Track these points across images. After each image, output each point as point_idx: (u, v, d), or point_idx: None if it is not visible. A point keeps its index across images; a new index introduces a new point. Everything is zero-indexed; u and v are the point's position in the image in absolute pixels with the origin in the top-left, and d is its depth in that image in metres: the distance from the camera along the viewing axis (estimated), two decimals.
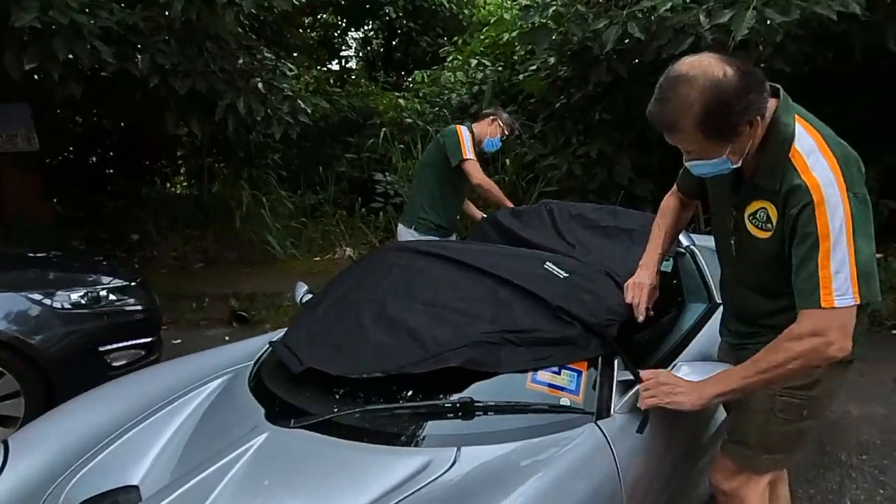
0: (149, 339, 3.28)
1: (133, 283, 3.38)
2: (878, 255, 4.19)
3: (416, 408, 1.51)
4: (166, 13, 4.66)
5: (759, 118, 1.27)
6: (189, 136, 7.40)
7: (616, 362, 1.62)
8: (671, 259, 2.39)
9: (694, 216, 4.68)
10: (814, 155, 1.27)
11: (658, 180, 5.11)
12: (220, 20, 4.86)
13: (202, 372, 1.98)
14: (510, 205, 3.21)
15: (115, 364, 3.07)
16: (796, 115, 1.32)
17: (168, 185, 8.55)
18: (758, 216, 1.37)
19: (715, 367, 1.53)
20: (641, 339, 1.95)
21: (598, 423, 1.49)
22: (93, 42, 4.14)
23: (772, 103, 1.31)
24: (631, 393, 1.54)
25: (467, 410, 1.46)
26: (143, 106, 5.42)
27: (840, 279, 1.23)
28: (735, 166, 1.33)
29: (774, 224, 1.34)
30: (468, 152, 3.25)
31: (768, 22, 3.69)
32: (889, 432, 2.88)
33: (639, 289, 1.66)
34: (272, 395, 1.67)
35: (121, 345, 3.10)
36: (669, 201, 1.79)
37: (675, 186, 1.79)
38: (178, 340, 4.50)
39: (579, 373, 1.57)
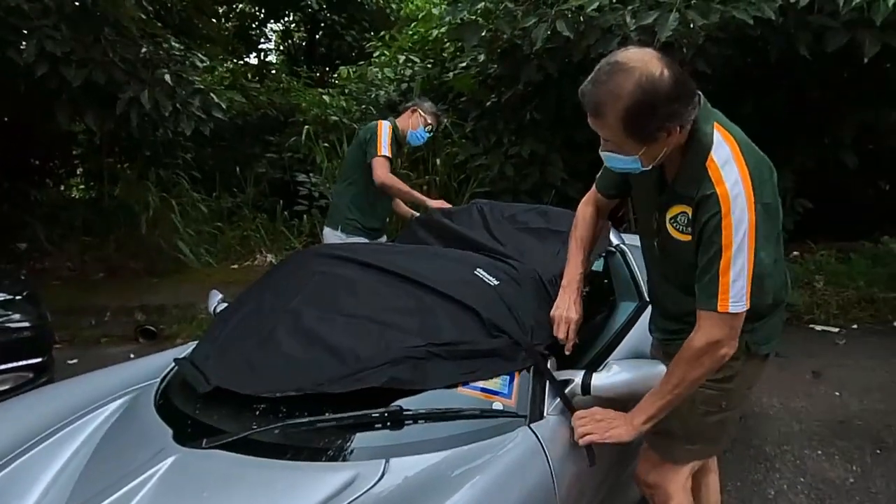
0: (38, 360, 3.02)
1: (18, 297, 3.10)
2: (794, 253, 4.38)
3: (341, 420, 1.42)
4: None
5: (678, 128, 1.31)
6: (86, 134, 6.82)
7: (549, 363, 1.61)
8: (602, 258, 2.40)
9: (625, 217, 4.81)
10: (728, 165, 1.32)
11: (589, 181, 5.12)
12: (120, 4, 4.45)
13: (101, 392, 1.82)
14: (430, 203, 3.15)
15: None
16: (715, 123, 1.37)
17: (62, 187, 7.82)
18: (678, 220, 1.43)
19: (645, 364, 1.57)
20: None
21: (532, 426, 1.47)
22: None
23: (693, 115, 1.34)
24: (564, 393, 1.55)
25: (396, 420, 1.42)
26: (29, 98, 4.89)
27: (737, 287, 1.32)
28: (644, 169, 1.37)
29: (692, 228, 1.40)
30: (384, 148, 3.12)
31: (690, 24, 3.80)
32: (808, 422, 3.01)
33: (566, 324, 1.65)
34: (182, 414, 1.55)
35: (3, 367, 2.85)
36: (585, 211, 1.77)
37: (591, 191, 1.77)
38: (75, 360, 4.14)
39: (511, 375, 1.55)
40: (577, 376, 1.56)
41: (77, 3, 4.23)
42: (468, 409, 1.46)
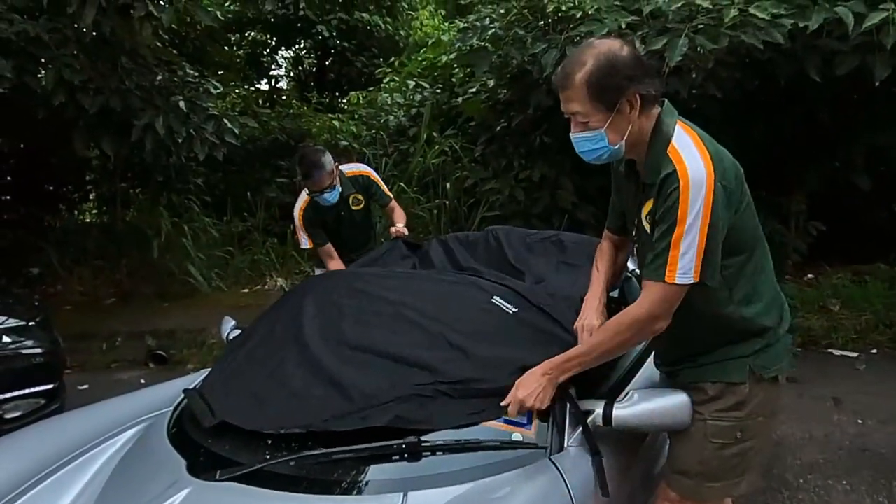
0: (49, 386, 3.01)
1: (31, 323, 3.13)
2: (809, 276, 4.32)
3: (358, 451, 1.39)
4: (75, 25, 4.30)
5: (638, 100, 1.38)
6: (100, 159, 6.88)
7: (572, 392, 1.57)
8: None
9: None
10: (688, 149, 1.38)
11: (599, 205, 5.15)
12: (137, 34, 4.53)
13: (114, 421, 1.81)
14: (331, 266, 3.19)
15: (7, 416, 2.82)
16: (678, 120, 1.45)
17: (76, 212, 7.88)
18: (651, 213, 1.45)
19: (666, 393, 1.53)
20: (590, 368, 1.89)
21: (552, 458, 1.43)
22: None
23: (657, 110, 1.44)
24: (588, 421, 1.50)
25: (414, 452, 1.38)
26: (46, 126, 4.97)
27: (685, 260, 1.35)
28: (610, 149, 1.42)
29: (654, 213, 1.44)
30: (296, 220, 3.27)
31: (699, 49, 3.82)
32: (831, 451, 2.93)
33: (588, 332, 1.62)
34: (195, 444, 1.53)
35: (15, 394, 2.86)
36: (603, 245, 1.81)
37: (605, 233, 1.80)
38: (86, 386, 4.14)
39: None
40: (598, 406, 1.52)
41: (95, 33, 4.30)
42: (488, 441, 1.43)
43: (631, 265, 2.44)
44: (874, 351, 4.12)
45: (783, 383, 1.56)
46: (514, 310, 1.72)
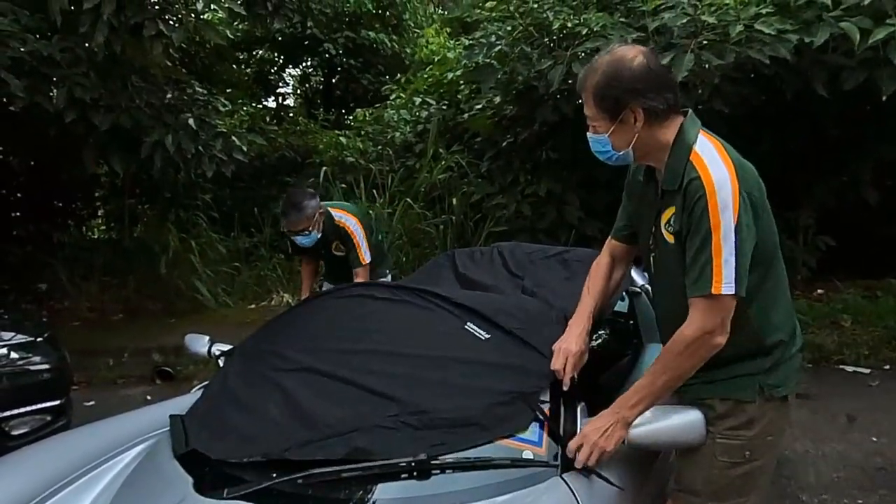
0: (56, 403, 2.99)
1: (39, 339, 3.10)
2: (819, 291, 4.28)
3: (367, 469, 1.37)
4: (87, 44, 4.36)
5: (642, 112, 1.39)
6: (109, 176, 6.95)
7: (579, 409, 1.56)
8: (627, 299, 2.34)
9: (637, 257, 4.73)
10: (712, 156, 1.37)
11: (606, 220, 5.13)
12: (148, 53, 4.59)
13: (120, 438, 1.77)
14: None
15: (14, 433, 2.80)
16: (701, 130, 1.45)
17: (84, 229, 7.93)
18: (671, 222, 1.44)
19: (680, 410, 1.49)
20: (599, 384, 1.90)
21: (564, 476, 1.40)
22: (0, 74, 3.79)
23: (679, 119, 1.44)
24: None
25: (423, 470, 1.36)
26: (57, 143, 5.02)
27: (728, 268, 1.32)
28: (617, 154, 1.45)
29: (678, 221, 1.42)
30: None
31: (705, 65, 3.83)
32: (846, 469, 2.89)
33: (564, 355, 1.58)
34: (202, 462, 1.50)
35: (22, 410, 2.84)
36: (600, 261, 1.76)
37: (607, 242, 1.77)
38: (92, 402, 4.12)
39: (541, 423, 1.50)
40: None
41: (106, 52, 4.35)
42: (498, 459, 1.41)
43: (639, 279, 2.42)
44: (887, 367, 4.07)
45: (792, 402, 1.54)
46: (486, 336, 1.69)
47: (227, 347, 2.08)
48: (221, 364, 2.02)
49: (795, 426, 3.04)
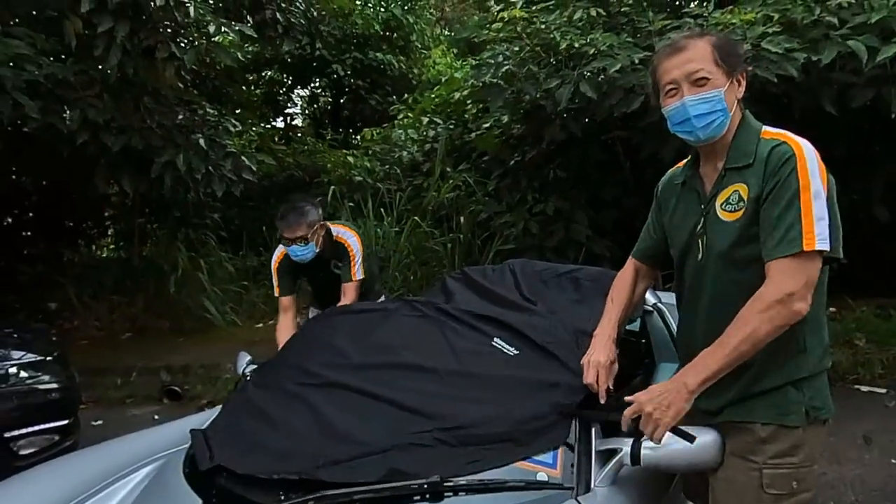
0: (64, 422, 2.99)
1: (48, 358, 3.11)
2: (831, 310, 4.20)
3: (380, 492, 1.35)
4: (100, 67, 4.43)
5: (744, 79, 1.41)
6: (119, 196, 7.02)
7: (594, 431, 1.53)
8: (638, 318, 2.31)
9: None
10: (787, 133, 1.37)
11: (615, 237, 5.13)
12: (160, 75, 4.67)
13: (129, 458, 1.78)
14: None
15: (21, 453, 2.80)
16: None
17: (93, 248, 7.99)
18: (730, 200, 1.39)
19: (696, 431, 1.42)
20: (612, 404, 1.82)
21: (579, 499, 1.39)
22: (16, 96, 3.87)
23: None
24: (612, 463, 1.44)
25: (436, 492, 1.34)
26: (69, 163, 5.08)
27: (821, 225, 1.28)
28: (728, 114, 1.37)
29: (747, 200, 1.37)
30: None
31: None
32: (865, 493, 2.82)
33: (595, 368, 1.55)
34: (211, 482, 1.50)
35: (31, 429, 2.84)
36: (625, 273, 1.75)
37: (629, 259, 1.75)
38: (99, 421, 4.13)
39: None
40: (626, 445, 1.46)
41: (119, 74, 4.42)
42: (512, 481, 1.38)
43: (651, 298, 2.39)
44: None
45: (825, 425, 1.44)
46: (514, 352, 1.68)
47: None
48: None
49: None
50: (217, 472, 1.53)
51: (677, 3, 5.09)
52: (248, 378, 1.95)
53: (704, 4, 4.26)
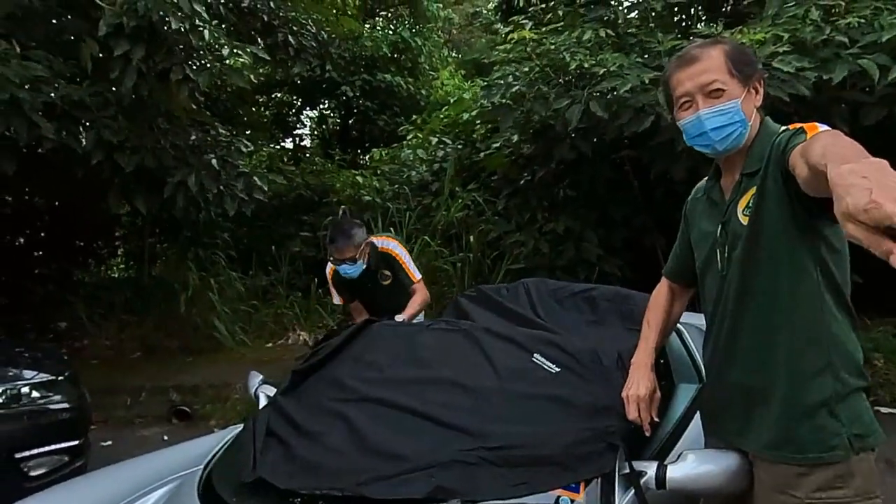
0: (75, 443, 2.97)
1: (60, 378, 3.09)
2: None
3: None
4: (115, 89, 4.49)
5: (761, 86, 1.38)
6: (130, 216, 7.06)
7: (618, 454, 1.47)
8: None
9: None
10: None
11: (625, 256, 5.10)
12: (174, 97, 4.72)
13: (143, 480, 1.78)
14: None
15: (32, 473, 2.77)
16: None
17: (104, 267, 8.03)
18: (750, 205, 1.34)
19: (722, 455, 1.41)
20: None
21: None
22: (33, 117, 3.91)
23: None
24: (637, 487, 1.40)
25: None
26: (81, 183, 5.12)
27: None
28: (747, 123, 1.33)
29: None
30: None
31: None
32: None
33: (635, 402, 1.49)
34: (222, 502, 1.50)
35: (41, 450, 2.81)
36: (660, 292, 1.70)
37: (662, 279, 1.72)
38: (109, 442, 4.11)
39: None
40: (650, 468, 1.43)
41: (134, 96, 4.48)
42: None
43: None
44: None
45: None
46: (556, 369, 1.65)
47: (271, 392, 2.05)
48: (262, 401, 1.99)
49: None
50: (233, 493, 1.51)
51: (686, 23, 5.13)
52: (282, 390, 1.92)
53: (713, 25, 4.29)
